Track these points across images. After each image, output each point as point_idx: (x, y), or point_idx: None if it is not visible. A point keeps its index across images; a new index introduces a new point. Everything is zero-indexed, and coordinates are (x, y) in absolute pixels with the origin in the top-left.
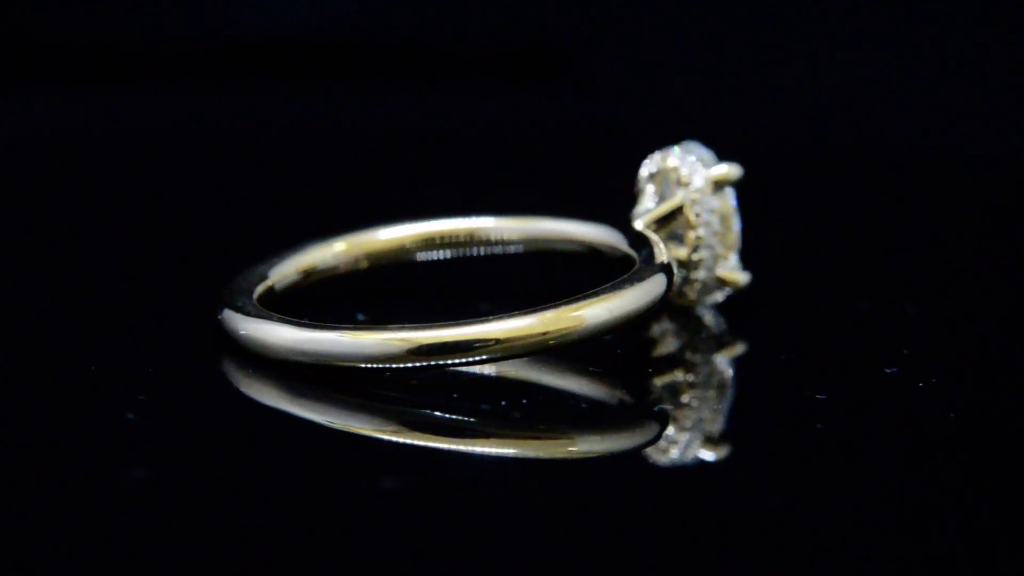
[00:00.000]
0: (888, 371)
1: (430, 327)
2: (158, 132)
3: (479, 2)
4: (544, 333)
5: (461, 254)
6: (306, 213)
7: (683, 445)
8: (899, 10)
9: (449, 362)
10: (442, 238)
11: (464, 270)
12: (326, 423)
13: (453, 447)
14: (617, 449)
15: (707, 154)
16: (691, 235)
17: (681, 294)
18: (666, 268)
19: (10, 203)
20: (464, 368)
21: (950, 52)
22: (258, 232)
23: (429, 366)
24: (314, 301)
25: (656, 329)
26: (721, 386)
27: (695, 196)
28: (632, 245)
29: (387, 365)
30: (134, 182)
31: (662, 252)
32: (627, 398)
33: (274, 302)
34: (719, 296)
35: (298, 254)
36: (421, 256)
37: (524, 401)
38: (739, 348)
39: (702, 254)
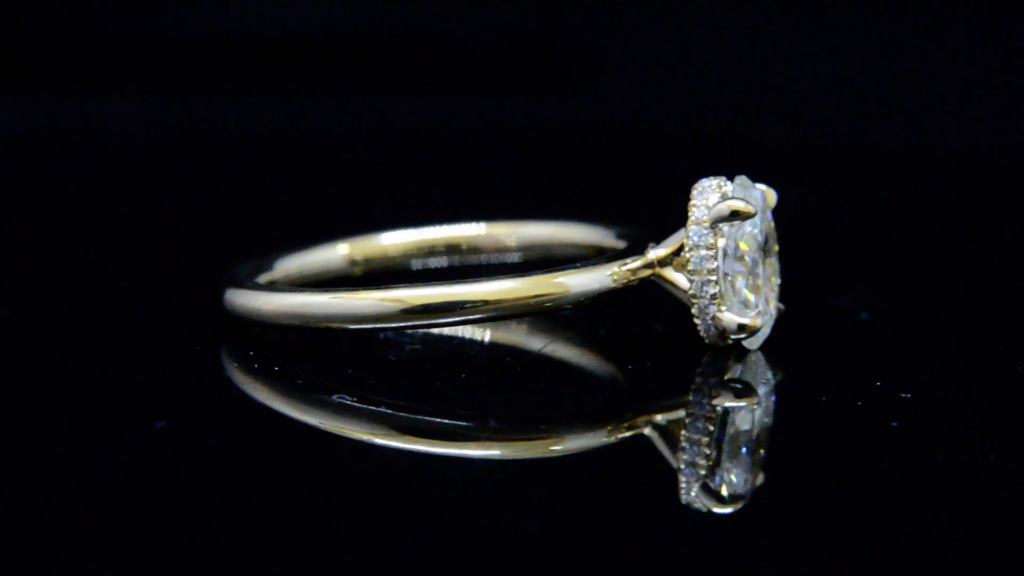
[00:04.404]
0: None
1: (422, 286)
2: (157, 132)
3: (478, 3)
4: (531, 296)
5: (461, 262)
6: (305, 214)
7: (687, 489)
8: (903, 11)
9: (440, 321)
10: (443, 246)
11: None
12: (318, 425)
13: (443, 450)
14: (600, 445)
15: (737, 189)
16: (687, 269)
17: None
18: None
19: (10, 201)
20: (455, 367)
21: (967, 55)
22: (251, 232)
23: (421, 325)
24: None
25: (676, 357)
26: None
27: (692, 229)
28: (620, 237)
29: (381, 325)
30: (133, 183)
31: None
32: (612, 401)
33: None
34: (733, 338)
35: (296, 255)
36: (417, 264)
37: (512, 403)
38: (735, 394)
39: (695, 290)
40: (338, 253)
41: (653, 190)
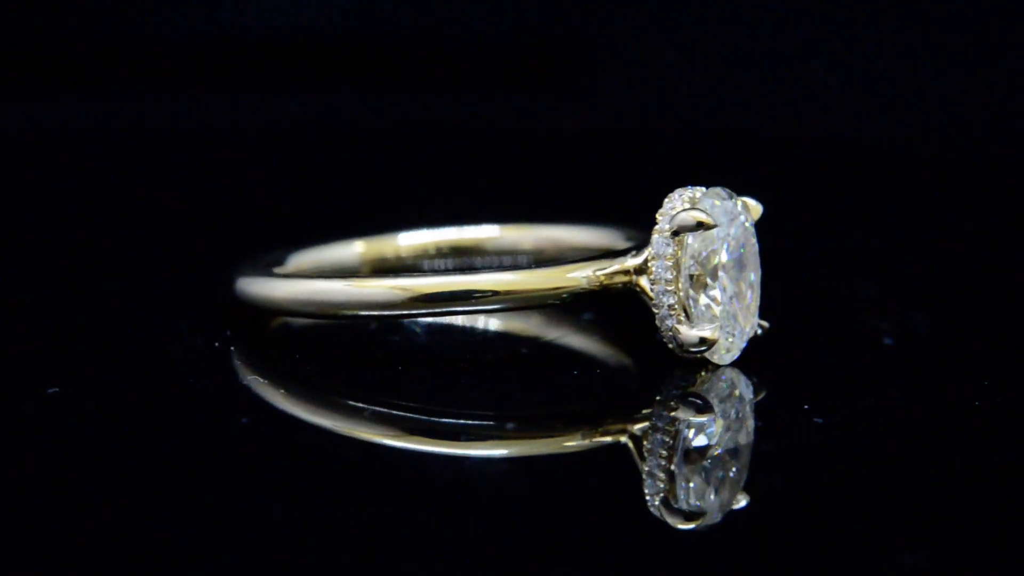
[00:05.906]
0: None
1: (432, 275)
2: (157, 133)
3: (479, 3)
4: (538, 288)
5: (469, 263)
6: (306, 214)
7: (650, 504)
8: (899, 10)
9: (448, 310)
10: (458, 247)
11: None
12: (331, 428)
13: (453, 451)
14: (605, 443)
15: (704, 200)
16: (650, 278)
17: None
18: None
19: (17, 200)
20: (462, 370)
21: (959, 52)
22: (255, 233)
23: (430, 313)
24: None
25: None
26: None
27: (654, 238)
28: (629, 240)
29: (390, 312)
30: (134, 183)
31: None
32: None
33: None
34: (694, 351)
35: (309, 250)
36: (430, 264)
37: (518, 402)
38: (694, 409)
39: (656, 299)
40: (353, 251)
41: (660, 191)
